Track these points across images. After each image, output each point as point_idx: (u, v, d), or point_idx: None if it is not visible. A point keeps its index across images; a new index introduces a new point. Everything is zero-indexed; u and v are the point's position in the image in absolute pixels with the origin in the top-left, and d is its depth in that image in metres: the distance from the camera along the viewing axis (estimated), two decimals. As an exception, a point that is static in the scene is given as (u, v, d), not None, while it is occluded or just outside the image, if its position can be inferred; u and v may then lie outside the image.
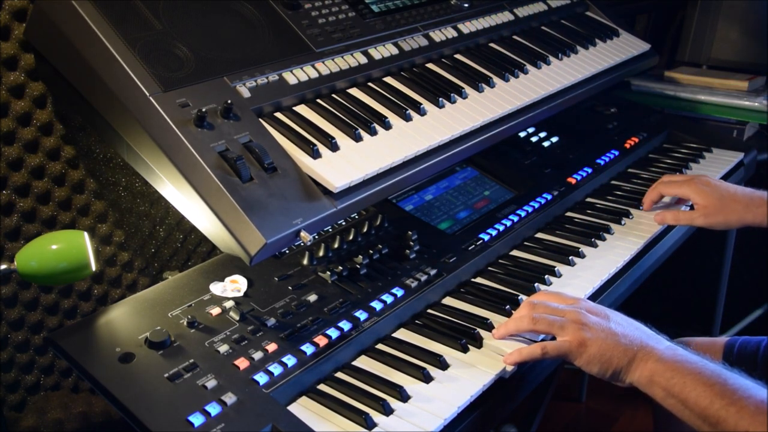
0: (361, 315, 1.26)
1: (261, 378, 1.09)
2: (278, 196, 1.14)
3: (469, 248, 1.50)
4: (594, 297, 1.46)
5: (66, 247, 1.11)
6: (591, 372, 1.19)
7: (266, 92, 1.30)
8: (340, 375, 1.18)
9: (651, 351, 1.15)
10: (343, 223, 1.50)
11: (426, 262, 1.43)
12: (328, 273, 1.34)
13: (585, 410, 2.81)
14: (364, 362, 1.22)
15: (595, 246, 1.60)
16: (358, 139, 1.31)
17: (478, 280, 1.47)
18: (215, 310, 1.22)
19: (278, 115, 1.31)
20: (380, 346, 1.26)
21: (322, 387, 1.15)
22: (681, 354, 1.14)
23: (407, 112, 1.41)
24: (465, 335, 1.27)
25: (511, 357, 1.22)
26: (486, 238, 1.54)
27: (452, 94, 1.52)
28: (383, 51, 1.53)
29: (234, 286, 1.28)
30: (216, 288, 1.27)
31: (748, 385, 1.07)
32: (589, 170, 1.89)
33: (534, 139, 2.01)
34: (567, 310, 1.23)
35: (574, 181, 1.83)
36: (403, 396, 1.12)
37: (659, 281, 2.27)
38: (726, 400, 1.05)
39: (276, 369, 1.12)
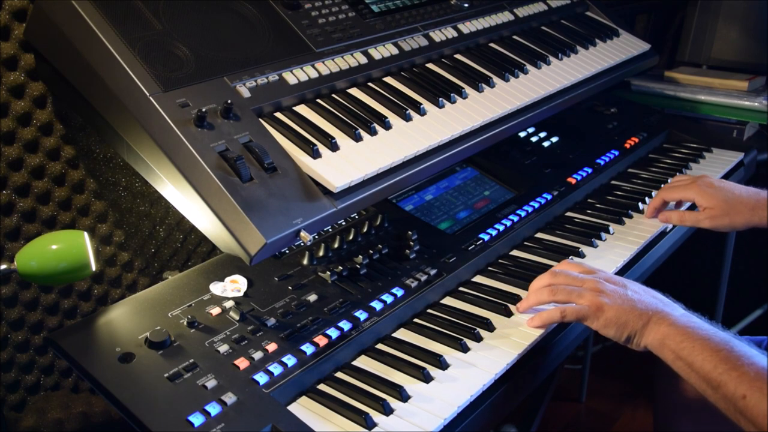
0: (361, 315, 1.26)
1: (261, 378, 1.09)
2: (278, 196, 1.14)
3: (469, 248, 1.50)
4: (594, 297, 1.46)
5: (66, 247, 1.11)
6: (608, 335, 1.24)
7: (266, 92, 1.30)
8: (340, 375, 1.18)
9: (665, 316, 1.21)
10: (343, 223, 1.50)
11: (426, 262, 1.43)
12: (328, 273, 1.34)
13: (585, 410, 2.81)
14: (364, 362, 1.22)
15: (595, 246, 1.60)
16: (358, 139, 1.31)
17: (478, 279, 1.47)
18: (215, 310, 1.22)
19: (278, 115, 1.31)
20: (380, 346, 1.26)
21: (322, 387, 1.15)
22: (694, 321, 1.20)
23: (407, 112, 1.41)
24: (465, 335, 1.27)
25: (533, 321, 1.30)
26: (486, 238, 1.54)
27: (452, 94, 1.52)
28: (383, 51, 1.53)
29: (234, 286, 1.28)
30: (216, 288, 1.27)
31: (753, 353, 1.12)
32: (589, 170, 1.89)
33: (534, 139, 2.01)
34: (586, 279, 1.29)
35: (574, 181, 1.83)
36: (403, 396, 1.12)
37: (659, 281, 2.26)
38: (729, 365, 1.10)
39: (276, 369, 1.12)
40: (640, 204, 1.80)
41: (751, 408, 1.06)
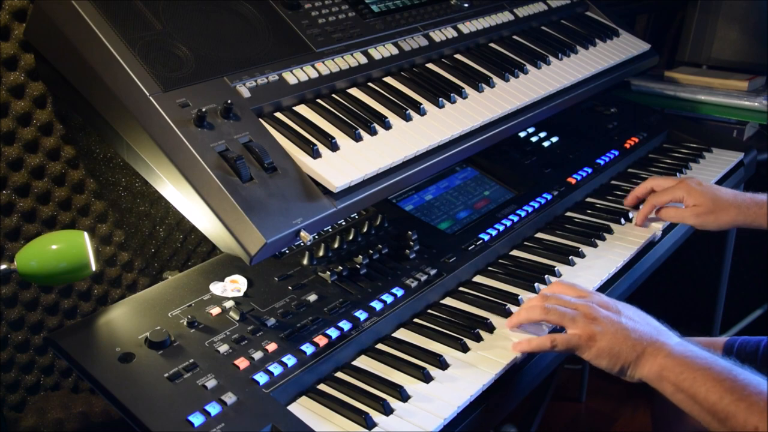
0: (361, 315, 1.26)
1: (261, 378, 1.10)
2: (278, 196, 1.14)
3: (469, 248, 1.50)
4: (594, 297, 1.46)
5: (66, 247, 1.11)
6: (599, 366, 1.19)
7: (266, 92, 1.30)
8: (340, 375, 1.18)
9: (661, 346, 1.15)
10: (343, 223, 1.50)
11: (426, 262, 1.43)
12: (328, 273, 1.34)
13: (585, 410, 2.81)
14: (364, 362, 1.22)
15: (595, 246, 1.60)
16: (358, 139, 1.31)
17: (478, 279, 1.47)
18: (215, 310, 1.22)
19: (278, 115, 1.31)
20: (380, 346, 1.26)
21: (322, 387, 1.15)
22: (692, 350, 1.14)
23: (407, 112, 1.41)
24: (465, 335, 1.27)
25: (520, 345, 1.23)
26: (486, 238, 1.54)
27: (452, 94, 1.52)
28: (383, 51, 1.53)
29: (234, 286, 1.28)
30: (216, 288, 1.27)
31: (759, 381, 1.07)
32: (589, 170, 1.89)
33: (534, 139, 2.01)
34: (579, 303, 1.23)
35: (574, 181, 1.83)
36: (403, 396, 1.12)
37: (659, 281, 2.27)
38: (736, 396, 1.05)
39: (276, 369, 1.12)
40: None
41: None
